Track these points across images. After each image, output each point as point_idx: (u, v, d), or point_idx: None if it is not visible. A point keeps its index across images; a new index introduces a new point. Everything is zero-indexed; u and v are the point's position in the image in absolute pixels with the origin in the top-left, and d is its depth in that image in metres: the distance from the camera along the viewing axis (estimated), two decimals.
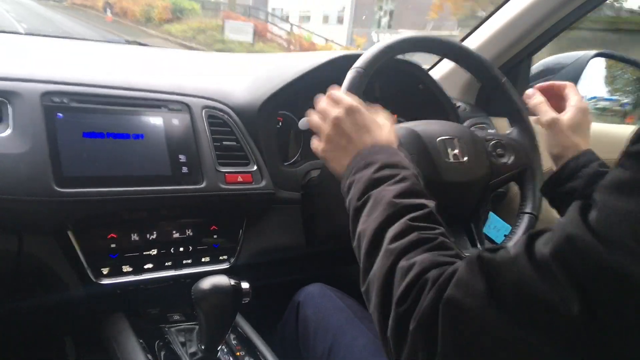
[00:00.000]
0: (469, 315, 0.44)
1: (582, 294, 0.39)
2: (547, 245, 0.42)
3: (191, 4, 20.80)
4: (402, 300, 0.50)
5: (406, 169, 0.66)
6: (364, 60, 0.83)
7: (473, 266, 0.46)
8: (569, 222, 0.42)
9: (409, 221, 0.58)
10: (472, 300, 0.44)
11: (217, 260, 0.98)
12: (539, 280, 0.41)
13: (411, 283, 0.50)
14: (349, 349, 0.85)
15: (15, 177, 0.74)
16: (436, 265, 0.51)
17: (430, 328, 0.47)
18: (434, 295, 0.47)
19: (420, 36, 0.91)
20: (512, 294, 0.42)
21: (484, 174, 0.92)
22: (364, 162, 0.67)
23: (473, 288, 0.45)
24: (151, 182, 0.86)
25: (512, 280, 0.43)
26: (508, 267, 0.44)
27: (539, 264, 0.42)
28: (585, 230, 0.40)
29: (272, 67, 1.18)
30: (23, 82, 0.81)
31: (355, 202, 0.65)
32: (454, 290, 0.46)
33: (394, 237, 0.56)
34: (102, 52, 1.21)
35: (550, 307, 0.40)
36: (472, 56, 0.96)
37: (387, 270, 0.54)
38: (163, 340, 0.87)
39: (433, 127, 0.91)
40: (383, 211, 0.60)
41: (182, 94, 0.97)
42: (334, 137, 0.73)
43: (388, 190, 0.62)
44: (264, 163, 1.01)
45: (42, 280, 0.85)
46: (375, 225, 0.59)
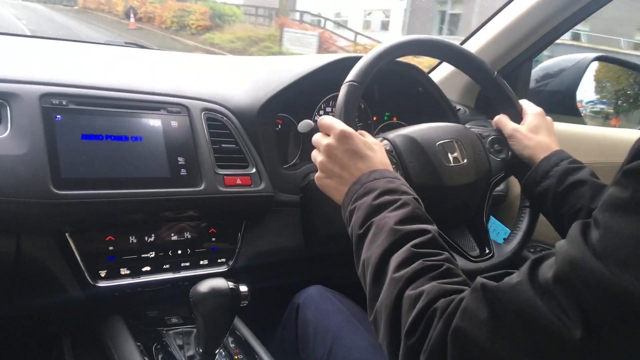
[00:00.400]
0: (476, 345, 0.44)
1: (585, 318, 0.39)
2: (550, 270, 0.42)
3: (231, 8, 18.34)
4: (411, 332, 0.50)
5: (406, 194, 0.67)
6: (356, 72, 0.81)
7: (477, 295, 0.46)
8: (571, 245, 0.42)
9: (412, 248, 0.58)
10: (477, 330, 0.45)
11: (216, 263, 0.98)
12: (542, 306, 0.41)
13: (419, 314, 0.50)
14: (348, 351, 0.85)
15: (13, 178, 0.74)
16: (444, 294, 0.51)
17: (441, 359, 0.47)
18: (442, 326, 0.48)
19: (416, 39, 0.90)
20: (516, 321, 0.43)
21: (485, 173, 0.92)
22: (363, 190, 0.68)
23: (478, 318, 0.45)
24: (149, 185, 0.86)
25: (515, 307, 0.43)
26: (511, 294, 0.44)
27: (542, 289, 0.42)
28: (588, 252, 0.40)
29: (271, 70, 1.18)
30: (22, 84, 0.81)
31: (358, 230, 0.65)
32: (460, 321, 0.46)
33: (399, 265, 0.57)
34: (101, 54, 1.21)
35: (552, 333, 0.40)
36: (463, 53, 0.95)
37: (394, 299, 0.54)
38: (161, 343, 0.87)
39: (431, 131, 0.91)
40: (385, 239, 0.60)
41: (181, 96, 0.97)
42: (327, 164, 0.74)
43: (389, 216, 0.62)
44: (263, 166, 1.01)
45: (40, 282, 0.85)
46: (379, 253, 0.60)
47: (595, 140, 1.23)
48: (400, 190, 0.67)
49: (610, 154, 1.18)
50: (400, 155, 0.86)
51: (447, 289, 0.52)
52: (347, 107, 0.79)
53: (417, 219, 0.63)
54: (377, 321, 0.57)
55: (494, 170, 0.94)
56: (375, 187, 0.67)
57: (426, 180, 0.85)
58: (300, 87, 1.07)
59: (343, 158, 0.72)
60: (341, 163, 0.72)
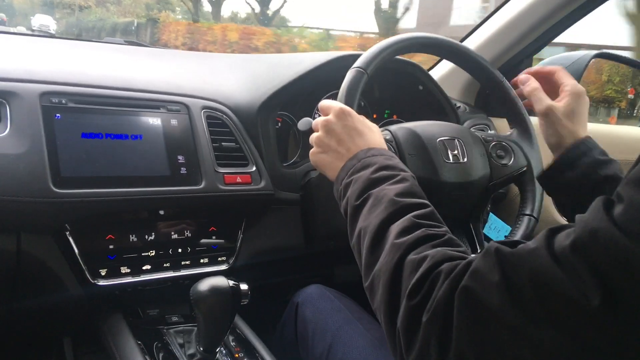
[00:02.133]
0: (485, 308, 0.44)
1: (603, 286, 0.38)
2: (568, 238, 0.41)
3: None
4: (413, 293, 0.49)
5: (404, 171, 0.67)
6: (363, 60, 0.83)
7: (490, 258, 0.45)
8: (592, 217, 0.41)
9: (413, 218, 0.57)
10: (488, 294, 0.44)
11: (216, 261, 0.98)
12: (558, 272, 0.40)
13: (423, 276, 0.50)
14: (347, 350, 0.85)
15: (13, 177, 0.74)
16: (449, 258, 0.51)
17: (444, 319, 0.46)
18: (449, 285, 0.47)
19: (421, 36, 0.91)
20: (529, 286, 0.42)
21: (484, 175, 0.92)
22: (360, 165, 0.68)
23: (489, 280, 0.44)
24: (149, 183, 0.86)
25: (529, 273, 0.42)
26: (526, 260, 0.43)
27: (558, 256, 0.41)
28: (610, 224, 0.39)
29: (271, 68, 1.18)
30: (21, 83, 0.81)
31: (354, 201, 0.65)
32: (470, 281, 0.45)
33: (400, 233, 0.56)
34: (101, 52, 1.21)
35: (569, 300, 0.40)
36: (472, 58, 0.95)
37: (395, 264, 0.53)
38: (161, 341, 0.87)
39: (433, 127, 0.91)
40: (385, 209, 0.60)
41: (180, 95, 0.97)
42: (324, 139, 0.73)
43: (389, 189, 0.62)
44: (263, 164, 1.01)
45: (41, 280, 0.85)
46: (378, 222, 0.59)
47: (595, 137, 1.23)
48: (398, 167, 0.67)
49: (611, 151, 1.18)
50: (400, 146, 0.87)
51: (451, 255, 0.51)
52: (349, 91, 0.80)
53: (415, 194, 0.62)
54: (373, 286, 0.56)
55: (495, 174, 0.93)
56: (373, 162, 0.67)
57: (423, 174, 0.85)
58: (300, 85, 1.06)
59: (341, 133, 0.72)
60: (338, 138, 0.72)
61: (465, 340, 0.44)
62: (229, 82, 1.11)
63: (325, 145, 0.73)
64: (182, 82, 1.02)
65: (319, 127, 0.75)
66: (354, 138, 0.72)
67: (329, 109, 0.75)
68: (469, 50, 0.96)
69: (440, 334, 0.46)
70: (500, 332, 0.43)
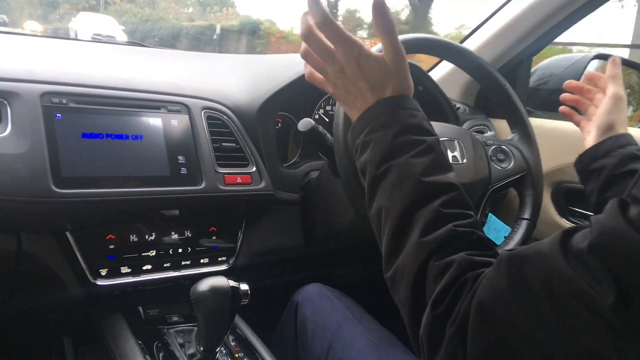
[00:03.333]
0: (495, 315, 0.44)
1: (618, 286, 0.38)
2: (584, 240, 0.41)
3: None
4: (438, 302, 0.49)
5: (429, 133, 0.60)
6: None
7: (500, 265, 0.46)
8: (608, 217, 0.42)
9: (440, 208, 0.54)
10: (496, 300, 0.44)
11: (216, 261, 0.98)
12: (571, 272, 0.41)
13: (448, 285, 0.49)
14: (347, 349, 0.85)
15: (13, 177, 0.74)
16: (474, 265, 0.50)
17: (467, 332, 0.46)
18: (470, 299, 0.47)
19: (423, 37, 0.91)
20: (543, 290, 0.42)
21: (483, 178, 0.92)
22: (380, 121, 0.60)
23: (498, 287, 0.44)
24: (150, 183, 0.86)
25: (543, 275, 0.42)
26: (539, 262, 0.43)
27: (573, 257, 0.41)
28: (626, 225, 0.39)
29: (272, 68, 1.18)
30: (22, 83, 0.81)
31: (374, 169, 0.59)
32: (482, 292, 0.45)
33: (426, 228, 0.53)
34: (102, 52, 1.21)
35: (582, 300, 0.40)
36: (474, 60, 0.95)
37: (419, 266, 0.52)
38: (162, 341, 0.87)
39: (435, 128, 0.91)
40: (410, 191, 0.55)
41: (181, 95, 0.97)
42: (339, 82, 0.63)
43: (414, 163, 0.57)
44: (263, 164, 1.01)
45: (41, 280, 0.85)
46: (403, 207, 0.55)
47: None
48: (423, 127, 0.60)
49: None
50: None
51: (476, 261, 0.50)
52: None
53: (442, 168, 0.57)
54: (395, 281, 0.54)
55: (494, 177, 0.93)
56: (395, 121, 0.59)
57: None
58: (300, 86, 1.07)
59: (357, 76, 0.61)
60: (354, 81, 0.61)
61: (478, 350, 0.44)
62: (229, 83, 1.12)
63: (343, 89, 0.63)
64: (182, 83, 1.02)
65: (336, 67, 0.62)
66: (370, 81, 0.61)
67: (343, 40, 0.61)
68: (471, 52, 0.96)
69: (464, 346, 0.46)
70: (513, 337, 0.43)
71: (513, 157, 0.95)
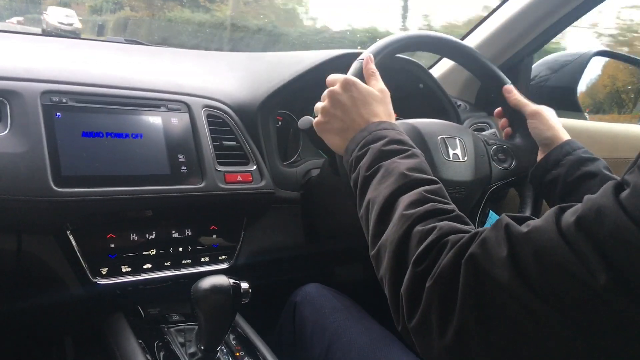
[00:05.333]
0: (490, 277, 0.44)
1: (609, 265, 0.38)
2: (574, 214, 0.42)
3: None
4: (419, 260, 0.50)
5: (414, 147, 0.68)
6: (372, 48, 0.84)
7: (499, 231, 0.46)
8: (599, 196, 0.42)
9: (423, 192, 0.58)
10: (494, 264, 0.44)
11: (217, 260, 0.98)
12: (564, 248, 0.41)
13: (430, 245, 0.50)
14: (346, 350, 0.85)
15: (13, 176, 0.74)
16: (456, 231, 0.51)
17: (449, 284, 0.46)
18: (454, 253, 0.47)
19: (424, 34, 0.91)
20: (535, 262, 0.42)
21: (484, 177, 0.92)
22: (372, 137, 0.68)
23: (496, 253, 0.44)
24: (150, 182, 0.86)
25: (535, 249, 0.43)
26: (533, 236, 0.43)
27: (564, 233, 0.41)
28: (617, 206, 0.39)
29: (272, 67, 1.18)
30: (22, 82, 0.81)
31: (364, 172, 0.65)
32: (478, 249, 0.46)
33: (410, 205, 0.57)
34: (102, 51, 1.21)
35: (574, 277, 0.40)
36: (477, 59, 0.95)
37: (403, 234, 0.54)
38: (162, 340, 0.87)
39: (435, 125, 0.91)
40: (395, 181, 0.60)
41: (181, 93, 0.97)
42: (330, 109, 0.74)
43: (399, 162, 0.63)
44: (263, 162, 1.01)
45: (41, 279, 0.85)
46: (388, 193, 0.59)
47: (596, 136, 1.23)
48: (409, 143, 0.68)
49: (611, 149, 1.18)
50: None
51: (459, 227, 0.52)
52: (355, 73, 0.80)
53: (425, 171, 0.63)
54: (379, 255, 0.57)
55: (494, 177, 0.93)
56: (385, 135, 0.68)
57: None
58: (301, 84, 1.06)
59: (345, 104, 0.73)
60: (343, 108, 0.73)
61: (469, 307, 0.45)
62: (229, 81, 1.11)
63: (330, 115, 0.74)
64: (182, 81, 1.02)
65: (325, 98, 0.75)
66: (359, 108, 0.72)
67: (335, 80, 0.76)
68: (475, 51, 0.95)
69: (443, 299, 0.46)
70: (506, 302, 0.43)
71: (514, 158, 0.95)
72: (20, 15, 7.42)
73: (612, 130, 1.29)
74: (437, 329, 0.46)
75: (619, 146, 1.17)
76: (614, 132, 1.28)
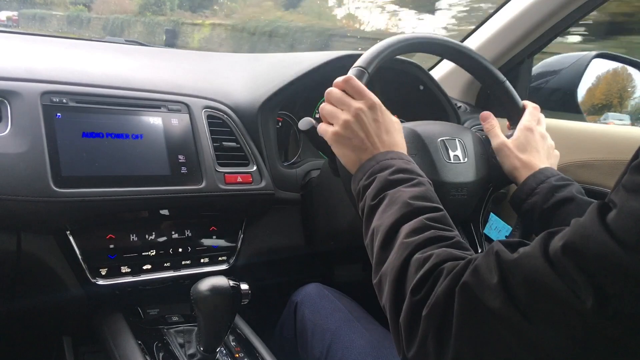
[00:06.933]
0: (483, 304, 0.45)
1: (597, 288, 0.39)
2: (561, 240, 0.42)
3: None
4: (417, 289, 0.51)
5: (421, 176, 0.68)
6: (364, 59, 0.82)
7: (490, 259, 0.47)
8: (585, 220, 0.42)
9: (425, 220, 0.59)
10: (486, 292, 0.45)
11: (217, 261, 0.98)
12: (551, 274, 0.41)
13: (427, 273, 0.51)
14: (347, 350, 0.85)
15: (13, 176, 0.74)
16: (453, 258, 0.52)
17: (444, 314, 0.47)
18: (449, 281, 0.48)
19: (421, 36, 0.91)
20: (525, 288, 0.43)
21: (485, 176, 0.92)
22: (379, 166, 0.68)
23: (488, 280, 0.45)
24: (150, 182, 0.86)
25: (524, 275, 0.43)
26: (522, 262, 0.44)
27: (551, 258, 0.42)
28: (602, 229, 0.40)
29: (272, 68, 1.18)
30: (22, 82, 0.81)
31: (370, 201, 0.66)
32: (471, 277, 0.47)
33: (410, 233, 0.58)
34: (102, 51, 1.21)
35: (562, 301, 0.40)
36: (472, 57, 0.95)
37: (402, 262, 0.55)
38: (162, 341, 0.87)
39: (434, 127, 0.91)
40: (399, 209, 0.61)
41: (181, 94, 0.97)
42: (354, 126, 0.72)
43: (404, 191, 0.64)
44: (263, 163, 1.01)
45: (41, 280, 0.85)
46: (391, 222, 0.60)
47: (596, 138, 1.23)
48: (416, 171, 0.69)
49: (611, 151, 1.18)
50: None
51: (456, 254, 0.53)
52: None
53: (430, 199, 0.64)
54: (381, 283, 0.58)
55: (495, 175, 0.93)
56: (392, 165, 0.68)
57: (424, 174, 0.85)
58: (301, 85, 1.06)
59: (370, 126, 0.72)
60: (367, 130, 0.72)
61: (464, 336, 0.46)
62: (229, 82, 1.11)
63: (353, 131, 0.72)
64: (182, 82, 1.02)
65: (351, 112, 0.72)
66: (381, 135, 0.72)
67: (362, 95, 0.73)
68: (470, 49, 0.96)
69: (439, 328, 0.47)
70: (499, 329, 0.44)
71: None
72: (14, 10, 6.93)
73: (612, 132, 1.29)
74: (434, 358, 0.47)
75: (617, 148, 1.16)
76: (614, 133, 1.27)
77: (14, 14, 6.71)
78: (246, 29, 8.74)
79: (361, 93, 0.74)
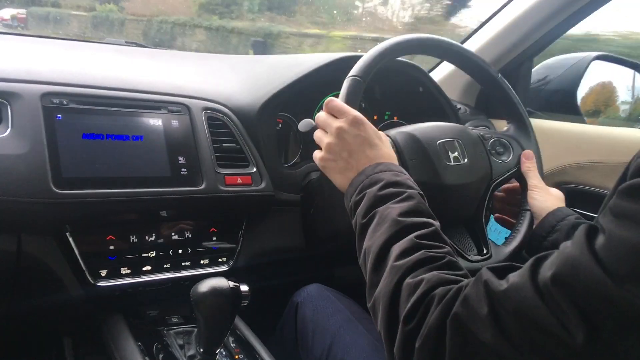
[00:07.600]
0: (475, 338, 0.45)
1: (587, 321, 0.38)
2: (550, 269, 0.42)
3: None
4: (409, 318, 0.50)
5: (411, 188, 0.67)
6: (359, 68, 0.81)
7: (479, 288, 0.46)
8: (574, 247, 0.42)
9: (415, 239, 0.58)
10: (477, 324, 0.45)
11: (216, 262, 0.98)
12: (541, 306, 0.41)
13: (418, 301, 0.51)
14: (347, 350, 0.85)
15: (14, 178, 0.74)
16: (443, 282, 0.51)
17: (436, 344, 0.47)
18: (440, 313, 0.48)
19: (416, 38, 0.90)
20: (515, 320, 0.43)
21: (485, 174, 0.92)
22: (368, 181, 0.68)
23: (478, 311, 0.45)
24: (150, 184, 0.86)
25: (514, 307, 0.43)
26: (511, 294, 0.44)
27: (541, 289, 0.42)
28: (591, 258, 0.39)
29: (272, 69, 1.18)
30: (23, 83, 0.81)
31: (361, 219, 0.65)
32: (461, 308, 0.46)
33: (400, 254, 0.57)
34: (102, 53, 1.21)
35: (554, 335, 0.40)
36: (465, 54, 0.95)
37: (394, 287, 0.54)
38: (161, 342, 0.87)
39: (432, 130, 0.91)
40: (388, 228, 0.60)
41: (181, 96, 0.97)
42: (335, 147, 0.72)
43: (393, 207, 0.63)
44: (263, 165, 1.01)
45: (41, 281, 0.85)
46: (381, 242, 0.60)
47: (595, 139, 1.23)
48: (405, 184, 0.67)
49: (610, 153, 1.18)
50: (401, 153, 0.86)
51: (447, 278, 0.52)
52: (348, 101, 0.79)
53: (420, 213, 0.63)
54: (375, 308, 0.57)
55: (495, 172, 0.94)
56: (381, 179, 0.67)
57: (426, 178, 0.85)
58: (301, 86, 1.06)
59: (353, 143, 0.71)
60: (350, 148, 0.71)
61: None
62: (229, 83, 1.12)
63: (336, 153, 0.73)
64: (183, 83, 1.02)
65: (333, 133, 0.73)
66: (365, 150, 0.71)
67: (340, 112, 0.74)
68: (462, 47, 0.96)
69: (433, 358, 0.47)
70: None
71: (512, 149, 0.96)
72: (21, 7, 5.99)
73: (611, 134, 1.29)
74: None
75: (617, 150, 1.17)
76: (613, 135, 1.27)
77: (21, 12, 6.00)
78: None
79: (341, 111, 0.74)
